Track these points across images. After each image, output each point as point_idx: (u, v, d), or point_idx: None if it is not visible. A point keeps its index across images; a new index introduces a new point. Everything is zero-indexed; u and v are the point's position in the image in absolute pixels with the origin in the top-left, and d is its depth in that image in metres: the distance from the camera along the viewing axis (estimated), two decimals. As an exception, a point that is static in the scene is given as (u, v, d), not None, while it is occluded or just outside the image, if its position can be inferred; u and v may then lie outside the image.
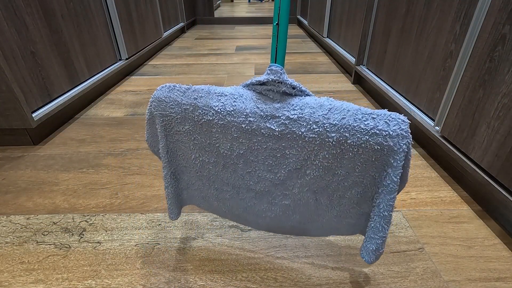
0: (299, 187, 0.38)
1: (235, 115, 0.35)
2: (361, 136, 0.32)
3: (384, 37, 1.02)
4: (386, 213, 0.35)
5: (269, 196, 0.40)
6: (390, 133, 0.31)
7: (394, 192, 0.33)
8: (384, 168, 0.34)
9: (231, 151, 0.37)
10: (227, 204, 0.43)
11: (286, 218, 0.41)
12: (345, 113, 0.33)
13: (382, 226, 0.35)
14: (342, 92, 1.21)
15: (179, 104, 0.36)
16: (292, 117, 0.34)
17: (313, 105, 0.34)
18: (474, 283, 0.44)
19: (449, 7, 0.68)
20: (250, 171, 0.39)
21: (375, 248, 0.37)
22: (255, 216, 0.43)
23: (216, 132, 0.37)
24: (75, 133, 0.88)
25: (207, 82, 1.31)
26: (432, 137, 0.70)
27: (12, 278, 0.45)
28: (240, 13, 3.96)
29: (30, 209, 0.59)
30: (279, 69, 0.33)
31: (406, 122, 0.32)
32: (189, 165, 0.42)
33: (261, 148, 0.36)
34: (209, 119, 0.36)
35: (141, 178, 0.68)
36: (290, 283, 0.44)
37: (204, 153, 0.39)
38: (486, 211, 0.58)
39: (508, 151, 0.50)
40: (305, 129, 0.33)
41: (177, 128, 0.38)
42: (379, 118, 0.32)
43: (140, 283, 0.44)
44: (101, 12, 1.16)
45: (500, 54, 0.52)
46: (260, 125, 0.35)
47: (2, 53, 0.69)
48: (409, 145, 0.32)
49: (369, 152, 0.33)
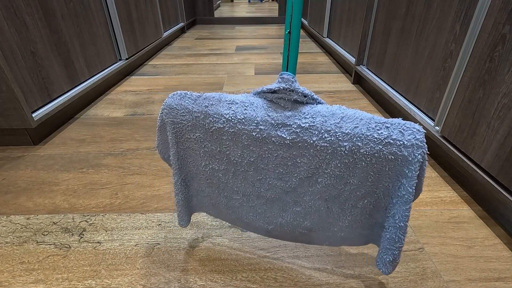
0: (310, 195, 0.37)
1: (246, 123, 0.35)
2: (374, 146, 0.32)
3: (384, 37, 1.02)
4: (402, 224, 0.34)
5: (280, 202, 0.40)
6: (405, 143, 0.31)
7: (409, 203, 0.33)
8: (399, 178, 0.33)
9: (242, 159, 0.37)
10: (237, 212, 0.43)
11: (297, 224, 0.41)
12: (358, 121, 0.32)
13: (399, 237, 0.35)
14: (342, 92, 1.21)
15: (190, 112, 0.37)
16: (303, 125, 0.33)
17: (325, 114, 0.33)
18: (474, 283, 0.44)
19: (449, 7, 0.68)
20: (261, 179, 0.38)
21: (392, 259, 0.37)
22: (265, 223, 0.43)
23: (227, 140, 0.37)
24: (75, 133, 0.88)
25: (207, 82, 1.31)
26: (432, 137, 0.70)
27: (12, 278, 0.45)
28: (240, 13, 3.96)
29: (30, 209, 0.59)
30: (291, 77, 0.33)
31: (422, 131, 0.31)
32: (199, 172, 0.42)
33: (272, 156, 0.36)
34: (220, 126, 0.36)
35: (141, 178, 0.68)
36: (290, 283, 0.44)
37: (214, 160, 0.39)
38: (486, 211, 0.58)
39: (508, 151, 0.50)
40: (317, 138, 0.33)
41: (188, 136, 0.39)
42: (393, 127, 0.31)
43: (140, 283, 0.44)
44: (101, 12, 1.16)
45: (500, 54, 0.52)
46: (270, 134, 0.35)
47: (2, 53, 0.69)
48: (424, 155, 0.31)
49: (382, 162, 0.32)
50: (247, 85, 1.28)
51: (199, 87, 1.26)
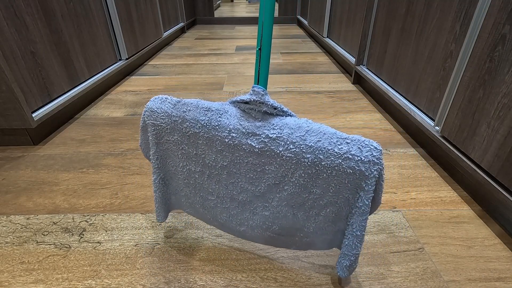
0: (277, 201, 0.40)
1: (220, 130, 0.37)
2: (334, 159, 0.34)
3: (384, 37, 1.02)
4: (359, 233, 0.37)
5: (251, 206, 0.42)
6: (362, 159, 0.33)
7: (366, 214, 0.36)
8: (357, 190, 0.35)
9: (216, 162, 0.40)
10: (212, 212, 0.46)
11: (266, 228, 0.43)
12: (321, 136, 0.35)
13: (355, 244, 0.38)
14: (342, 92, 1.21)
15: (169, 116, 0.39)
16: (271, 136, 0.36)
17: (292, 126, 0.36)
18: (474, 283, 0.44)
19: (449, 7, 0.68)
20: (233, 182, 0.41)
21: (348, 264, 0.39)
22: (237, 224, 0.45)
23: (202, 144, 0.39)
24: (75, 133, 0.88)
25: (207, 82, 1.31)
26: (432, 137, 0.70)
27: (12, 278, 0.45)
28: (240, 13, 3.96)
29: (30, 209, 0.59)
30: (261, 90, 0.35)
31: (379, 149, 0.33)
32: (177, 172, 0.44)
33: (243, 162, 0.38)
34: (196, 131, 0.38)
35: (141, 178, 0.68)
36: (290, 283, 0.45)
37: (191, 162, 0.42)
38: (486, 211, 0.58)
39: (508, 151, 0.50)
40: (283, 148, 0.35)
41: (167, 138, 0.41)
42: (353, 143, 0.34)
43: (140, 283, 0.44)
44: (101, 12, 1.16)
45: (500, 54, 0.52)
46: (241, 141, 0.37)
47: (2, 53, 0.69)
48: (380, 171, 0.34)
49: (342, 174, 0.34)
50: (247, 85, 1.28)
51: (199, 87, 1.26)
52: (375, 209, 0.38)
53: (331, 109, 1.04)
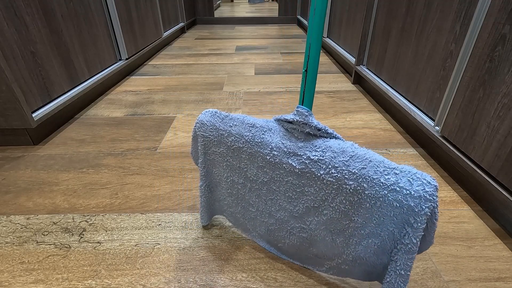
0: (315, 224, 0.39)
1: (262, 147, 0.38)
2: (379, 190, 0.31)
3: (384, 37, 1.02)
4: (403, 272, 0.33)
5: (288, 225, 0.42)
6: (412, 193, 0.30)
7: (413, 253, 0.32)
8: (404, 226, 0.32)
9: (257, 177, 0.41)
10: (252, 222, 0.47)
11: (304, 249, 0.43)
12: (366, 163, 0.32)
13: (398, 284, 0.34)
14: (342, 92, 1.21)
15: (217, 129, 0.42)
16: (312, 158, 0.35)
17: (336, 150, 0.34)
18: (474, 283, 0.44)
19: (449, 7, 0.68)
20: (272, 199, 0.41)
21: None
22: (275, 239, 0.46)
23: (245, 159, 0.41)
24: (75, 133, 0.88)
25: (207, 82, 1.31)
26: (432, 137, 0.70)
27: (12, 278, 0.45)
28: (240, 13, 3.96)
29: (30, 209, 0.59)
30: (305, 111, 0.34)
31: (433, 184, 0.30)
32: (221, 182, 0.47)
33: (283, 181, 0.39)
34: (240, 146, 0.40)
35: (141, 178, 0.68)
36: (290, 283, 0.44)
37: (234, 173, 0.44)
38: (486, 211, 0.58)
39: (508, 151, 0.50)
40: (324, 172, 0.34)
41: (214, 149, 0.44)
42: (402, 174, 0.31)
43: (140, 283, 0.44)
44: (101, 12, 1.16)
45: (500, 54, 0.52)
46: (282, 160, 0.37)
47: (2, 53, 0.69)
48: (434, 209, 0.30)
49: (387, 207, 0.32)
50: (247, 85, 1.28)
51: (199, 87, 1.26)
52: (425, 249, 0.34)
53: (331, 109, 1.04)
